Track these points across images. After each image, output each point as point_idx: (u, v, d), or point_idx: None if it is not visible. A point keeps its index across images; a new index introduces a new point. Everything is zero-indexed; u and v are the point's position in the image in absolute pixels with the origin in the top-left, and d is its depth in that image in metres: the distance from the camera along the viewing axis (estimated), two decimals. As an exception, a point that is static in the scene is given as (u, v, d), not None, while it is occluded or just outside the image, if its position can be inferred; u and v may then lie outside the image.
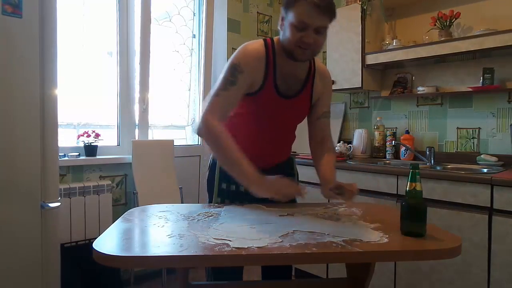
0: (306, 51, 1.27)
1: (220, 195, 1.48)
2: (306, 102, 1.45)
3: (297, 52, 1.28)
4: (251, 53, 1.32)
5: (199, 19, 3.02)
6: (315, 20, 1.22)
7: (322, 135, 1.52)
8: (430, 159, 2.38)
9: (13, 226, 1.53)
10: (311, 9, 1.21)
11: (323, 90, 1.48)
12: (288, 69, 1.36)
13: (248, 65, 1.30)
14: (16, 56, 1.51)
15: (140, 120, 2.66)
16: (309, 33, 1.24)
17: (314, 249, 0.93)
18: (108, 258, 0.89)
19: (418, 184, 1.05)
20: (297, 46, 1.26)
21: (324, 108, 1.50)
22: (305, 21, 1.22)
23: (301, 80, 1.41)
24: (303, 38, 1.24)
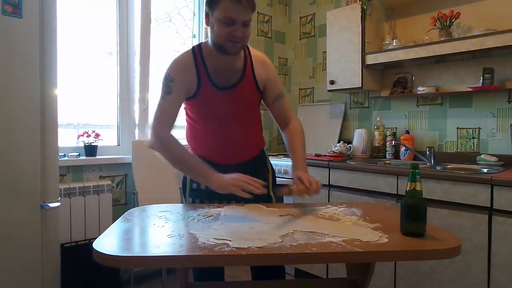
0: (237, 44, 1.34)
1: (191, 195, 1.54)
2: (251, 88, 1.50)
3: (228, 46, 1.34)
4: (178, 62, 1.44)
5: (199, 19, 3.02)
6: (241, 15, 1.30)
7: (283, 117, 1.58)
8: (430, 159, 2.38)
9: (13, 226, 1.53)
10: (235, 5, 1.28)
11: (267, 75, 1.53)
12: (221, 64, 1.43)
13: (177, 73, 1.41)
14: (16, 56, 1.51)
15: (140, 120, 2.66)
16: (238, 27, 1.31)
17: (314, 249, 0.93)
18: (108, 258, 0.89)
19: (418, 184, 1.05)
20: (227, 40, 1.32)
21: (275, 92, 1.55)
22: (232, 16, 1.29)
23: (239, 70, 1.47)
24: (234, 32, 1.31)
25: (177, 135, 1.43)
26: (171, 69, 1.43)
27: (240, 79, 1.46)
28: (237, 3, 1.27)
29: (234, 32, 1.31)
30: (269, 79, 1.53)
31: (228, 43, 1.33)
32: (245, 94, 1.48)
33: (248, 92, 1.49)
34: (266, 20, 3.38)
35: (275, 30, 3.46)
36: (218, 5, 1.30)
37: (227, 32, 1.31)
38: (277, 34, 3.48)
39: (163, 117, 1.40)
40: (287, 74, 3.56)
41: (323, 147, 2.93)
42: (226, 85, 1.45)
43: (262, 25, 3.36)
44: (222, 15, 1.29)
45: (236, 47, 1.36)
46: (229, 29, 1.30)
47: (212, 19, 1.34)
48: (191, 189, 1.54)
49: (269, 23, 3.41)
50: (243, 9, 1.29)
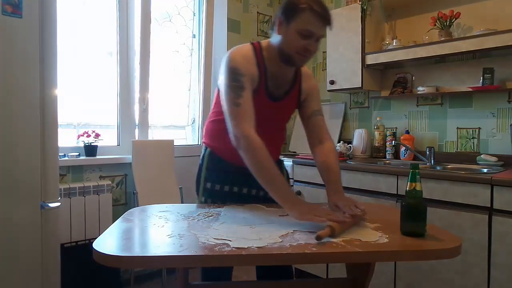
0: (305, 57, 1.31)
1: (204, 194, 1.50)
2: (294, 102, 1.49)
3: (297, 58, 1.30)
4: (244, 56, 1.34)
5: (199, 19, 3.02)
6: (320, 30, 1.27)
7: (318, 134, 1.49)
8: (430, 159, 2.38)
9: (13, 226, 1.53)
10: (317, 19, 1.25)
11: (310, 89, 1.51)
12: (276, 71, 1.39)
13: (246, 67, 1.31)
14: (16, 56, 1.51)
15: (140, 120, 2.66)
16: (313, 41, 1.28)
17: (314, 249, 0.93)
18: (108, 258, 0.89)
19: (418, 184, 1.05)
20: (298, 53, 1.28)
21: (314, 107, 1.51)
22: (311, 30, 1.25)
23: (289, 81, 1.44)
24: (307, 46, 1.27)
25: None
26: (239, 63, 1.30)
27: (289, 90, 1.44)
28: (320, 18, 1.25)
29: (309, 46, 1.27)
30: (311, 93, 1.51)
31: (298, 56, 1.30)
32: (288, 107, 1.48)
33: (291, 105, 1.48)
34: (266, 20, 3.38)
35: (275, 30, 3.45)
36: (299, 15, 1.25)
37: (303, 44, 1.27)
38: (277, 34, 3.48)
39: (245, 114, 1.25)
40: (287, 74, 3.55)
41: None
42: (276, 95, 1.41)
43: (262, 25, 3.36)
44: (301, 26, 1.25)
45: (304, 61, 1.33)
46: (305, 42, 1.26)
47: (287, 28, 1.28)
48: (204, 188, 1.50)
49: (269, 23, 3.41)
50: (324, 24, 1.27)
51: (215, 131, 1.48)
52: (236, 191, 1.47)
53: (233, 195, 1.47)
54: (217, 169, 1.48)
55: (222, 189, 1.47)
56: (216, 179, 1.48)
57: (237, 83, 1.27)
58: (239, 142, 1.24)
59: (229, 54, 1.34)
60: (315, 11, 1.24)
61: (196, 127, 3.06)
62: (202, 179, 1.50)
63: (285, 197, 1.20)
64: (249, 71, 1.31)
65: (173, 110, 2.95)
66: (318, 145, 1.48)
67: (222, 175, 1.47)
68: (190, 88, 3.02)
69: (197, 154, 2.92)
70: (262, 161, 1.21)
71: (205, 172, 1.50)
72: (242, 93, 1.26)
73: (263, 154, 1.21)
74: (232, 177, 1.46)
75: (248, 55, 1.35)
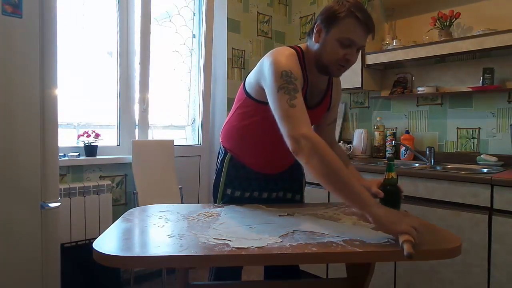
0: (344, 68, 1.25)
1: (223, 200, 1.47)
2: (324, 111, 1.45)
3: (335, 68, 1.24)
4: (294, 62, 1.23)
5: (199, 19, 3.02)
6: (362, 39, 1.20)
7: (329, 141, 1.42)
8: (430, 159, 2.38)
9: (13, 226, 1.53)
10: (360, 27, 1.17)
11: (337, 98, 1.49)
12: (314, 79, 1.33)
13: (297, 71, 1.21)
14: (16, 56, 1.51)
15: (140, 120, 2.66)
16: (353, 51, 1.21)
17: (314, 249, 0.93)
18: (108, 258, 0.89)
19: (394, 173, 1.22)
20: (337, 63, 1.22)
21: (335, 115, 1.51)
22: (353, 39, 1.18)
23: (322, 91, 1.40)
24: (347, 56, 1.20)
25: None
26: (290, 67, 1.19)
27: (321, 100, 1.40)
28: (362, 26, 1.17)
29: (349, 56, 1.20)
30: (336, 101, 1.49)
31: (336, 66, 1.23)
32: (318, 116, 1.44)
33: (320, 114, 1.44)
34: (266, 20, 3.38)
35: (275, 30, 3.45)
36: (340, 23, 1.17)
37: (343, 54, 1.19)
38: (277, 34, 3.48)
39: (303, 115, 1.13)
40: (287, 74, 3.55)
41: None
42: (310, 104, 1.35)
43: (262, 25, 3.36)
44: (342, 35, 1.18)
45: (342, 71, 1.27)
46: (345, 51, 1.19)
47: (327, 36, 1.21)
48: (224, 194, 1.46)
49: (269, 23, 3.41)
50: (367, 33, 1.20)
51: (234, 136, 1.44)
52: (256, 196, 1.46)
53: (252, 200, 1.45)
54: (239, 176, 1.45)
55: (242, 196, 1.45)
56: (237, 186, 1.44)
57: (291, 85, 1.15)
58: (299, 145, 1.08)
59: (279, 55, 1.22)
60: (358, 19, 1.16)
61: (196, 127, 3.05)
62: (222, 185, 1.46)
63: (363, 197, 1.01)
64: (299, 76, 1.22)
65: (173, 110, 2.95)
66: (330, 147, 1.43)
67: (244, 182, 1.45)
68: (190, 88, 3.02)
69: (197, 154, 2.95)
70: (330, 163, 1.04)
71: (225, 178, 1.46)
72: (296, 95, 1.15)
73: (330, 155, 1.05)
74: (254, 183, 1.45)
75: (296, 60, 1.25)
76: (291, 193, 1.53)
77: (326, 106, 1.44)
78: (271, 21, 3.43)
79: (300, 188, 1.57)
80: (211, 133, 3.07)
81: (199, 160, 2.95)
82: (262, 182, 1.46)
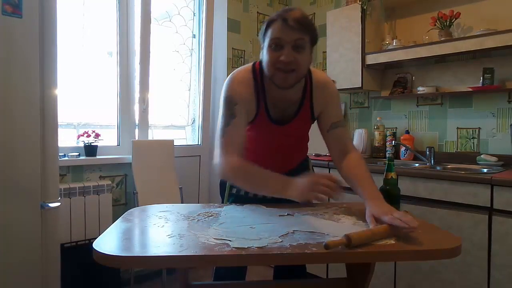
0: (287, 75, 1.19)
1: (229, 199, 1.50)
2: (306, 119, 1.39)
3: (275, 76, 1.21)
4: (240, 82, 1.30)
5: (199, 19, 3.02)
6: (288, 34, 1.16)
7: (340, 147, 1.37)
8: (430, 159, 2.38)
9: (13, 226, 1.53)
10: (283, 25, 1.17)
11: (326, 102, 1.37)
12: (278, 94, 1.29)
13: (240, 95, 1.27)
14: (16, 56, 1.51)
15: (140, 120, 2.66)
16: (287, 50, 1.17)
17: (314, 249, 0.92)
18: (108, 258, 0.89)
19: (393, 173, 1.25)
20: (276, 68, 1.19)
21: (333, 119, 1.37)
22: (279, 36, 1.17)
23: (296, 102, 1.34)
24: (281, 57, 1.17)
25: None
26: (233, 91, 1.28)
27: (296, 112, 1.34)
28: (286, 23, 1.16)
29: (282, 55, 1.16)
30: (327, 105, 1.37)
31: (277, 73, 1.19)
32: (299, 128, 1.39)
33: (301, 126, 1.39)
34: (266, 20, 3.38)
35: (275, 30, 3.45)
36: (268, 30, 1.20)
37: (276, 57, 1.18)
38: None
39: (232, 144, 1.25)
40: (287, 74, 3.55)
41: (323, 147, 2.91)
42: (281, 119, 1.34)
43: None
44: (270, 39, 1.19)
45: (286, 80, 1.20)
46: (277, 54, 1.18)
47: (264, 48, 1.24)
48: (230, 193, 1.50)
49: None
50: (292, 28, 1.16)
51: None
52: (261, 196, 1.44)
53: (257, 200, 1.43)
54: None
55: (247, 194, 1.46)
56: None
57: (229, 111, 1.26)
58: (222, 171, 1.24)
59: (228, 80, 1.31)
60: (281, 18, 1.17)
61: (196, 127, 3.05)
62: (228, 184, 1.49)
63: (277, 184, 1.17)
64: (243, 99, 1.27)
65: (173, 110, 2.95)
66: (342, 158, 1.35)
67: None
68: (190, 88, 3.02)
69: (197, 154, 2.95)
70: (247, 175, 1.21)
71: None
72: (230, 121, 1.26)
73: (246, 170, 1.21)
74: None
75: (246, 80, 1.29)
76: None
77: (306, 117, 1.38)
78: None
79: None
80: (211, 133, 3.07)
81: (199, 160, 2.95)
82: None
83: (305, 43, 1.20)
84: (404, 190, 1.98)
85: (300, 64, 1.20)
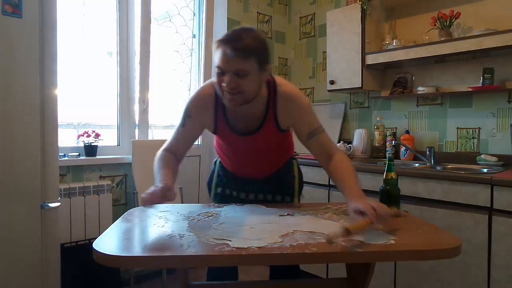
0: (234, 96, 1.21)
1: (215, 199, 1.60)
2: (273, 131, 1.38)
3: (226, 98, 1.24)
4: (199, 98, 1.39)
5: (199, 19, 3.02)
6: (228, 65, 1.18)
7: (323, 152, 1.37)
8: (430, 159, 2.38)
9: (13, 226, 1.53)
10: (223, 54, 1.19)
11: (292, 116, 1.36)
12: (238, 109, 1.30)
13: (195, 110, 1.39)
14: (16, 56, 1.51)
15: (140, 120, 2.66)
16: (228, 77, 1.19)
17: (314, 249, 0.93)
18: (108, 258, 0.89)
19: (393, 173, 1.27)
20: (222, 90, 1.23)
21: (308, 129, 1.36)
22: (220, 66, 1.20)
23: (259, 116, 1.35)
24: (223, 82, 1.20)
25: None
26: (191, 104, 1.40)
27: (260, 126, 1.36)
28: (225, 53, 1.18)
29: (224, 81, 1.19)
30: (297, 119, 1.36)
31: (225, 95, 1.23)
32: (265, 139, 1.39)
33: (268, 137, 1.39)
34: (266, 20, 3.38)
35: (275, 30, 3.46)
36: (215, 53, 1.24)
37: (220, 82, 1.21)
38: (277, 34, 3.48)
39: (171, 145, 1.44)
40: (287, 74, 3.56)
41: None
42: (245, 131, 1.37)
43: (262, 25, 3.36)
44: (215, 64, 1.23)
45: (233, 101, 1.22)
46: (220, 79, 1.21)
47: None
48: (215, 193, 1.61)
49: (269, 23, 3.41)
50: (231, 58, 1.17)
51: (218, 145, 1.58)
52: (244, 197, 1.54)
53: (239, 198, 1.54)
54: (228, 177, 1.58)
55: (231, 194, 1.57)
56: (226, 184, 1.58)
57: (182, 120, 1.41)
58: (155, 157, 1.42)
59: (193, 93, 1.42)
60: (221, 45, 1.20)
61: (196, 127, 3.05)
62: (214, 184, 1.61)
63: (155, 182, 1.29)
64: (198, 115, 1.39)
65: (173, 110, 2.95)
66: (328, 162, 1.35)
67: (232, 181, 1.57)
68: (190, 88, 3.02)
69: (197, 154, 2.94)
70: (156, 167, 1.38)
71: (216, 177, 1.61)
72: (180, 129, 1.42)
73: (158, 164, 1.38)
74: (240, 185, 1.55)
75: (207, 97, 1.37)
76: (280, 195, 1.54)
77: (271, 129, 1.37)
78: (271, 21, 3.43)
79: (289, 190, 1.55)
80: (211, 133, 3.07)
81: (199, 160, 2.95)
82: (248, 184, 1.53)
83: (247, 70, 1.19)
84: (404, 190, 1.98)
85: (244, 89, 1.21)
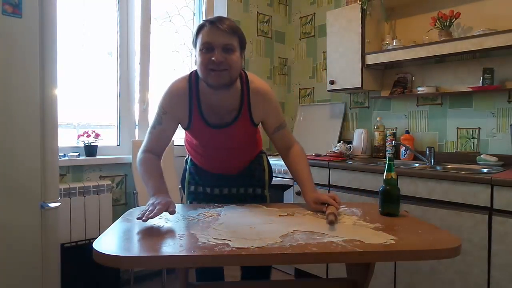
0: (220, 73, 1.25)
1: (189, 197, 1.60)
2: (246, 125, 1.43)
3: (211, 76, 1.26)
4: (173, 93, 1.40)
5: (199, 19, 3.02)
6: (218, 38, 1.24)
7: (283, 144, 1.52)
8: (430, 159, 2.38)
9: (13, 226, 1.53)
10: (212, 30, 1.25)
11: (265, 111, 1.45)
12: (214, 100, 1.36)
13: (170, 106, 1.39)
14: (16, 56, 1.51)
15: (140, 120, 2.66)
16: (217, 52, 1.24)
17: (314, 249, 0.93)
18: (108, 258, 0.89)
19: (393, 173, 1.27)
20: (208, 69, 1.26)
21: (275, 124, 1.48)
22: (209, 41, 1.25)
23: (234, 109, 1.40)
24: (212, 58, 1.24)
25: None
26: (166, 99, 1.41)
27: (235, 118, 1.40)
28: (215, 27, 1.24)
29: (214, 56, 1.23)
30: (268, 114, 1.46)
31: (210, 74, 1.26)
32: (239, 131, 1.43)
33: (242, 130, 1.44)
34: (266, 20, 3.38)
35: (275, 30, 3.46)
36: (199, 36, 1.28)
37: (207, 58, 1.24)
38: (277, 34, 3.48)
39: (151, 145, 1.44)
40: (287, 74, 3.56)
41: (323, 147, 2.93)
42: (219, 124, 1.40)
43: (262, 25, 3.36)
44: (201, 43, 1.26)
45: (219, 77, 1.26)
46: (208, 55, 1.25)
47: (196, 53, 1.31)
48: (188, 191, 1.60)
49: (269, 23, 3.41)
50: (221, 33, 1.24)
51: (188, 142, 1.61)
52: (218, 193, 1.56)
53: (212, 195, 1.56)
54: (200, 174, 1.59)
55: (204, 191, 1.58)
56: (198, 181, 1.59)
57: (157, 117, 1.42)
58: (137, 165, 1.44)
59: (166, 89, 1.42)
60: (209, 22, 1.26)
61: (196, 127, 3.05)
62: (186, 183, 1.62)
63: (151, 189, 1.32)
64: (173, 110, 1.39)
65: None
66: (287, 153, 1.51)
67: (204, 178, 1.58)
68: (190, 88, 3.02)
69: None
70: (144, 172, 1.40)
71: (188, 175, 1.62)
72: (157, 126, 1.42)
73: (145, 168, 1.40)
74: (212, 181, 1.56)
75: (180, 91, 1.38)
76: (252, 188, 1.58)
77: (245, 123, 1.42)
78: (271, 21, 3.43)
79: (261, 183, 1.61)
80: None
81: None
82: (221, 180, 1.55)
83: (234, 45, 1.28)
84: (404, 190, 1.98)
85: (231, 64, 1.27)
